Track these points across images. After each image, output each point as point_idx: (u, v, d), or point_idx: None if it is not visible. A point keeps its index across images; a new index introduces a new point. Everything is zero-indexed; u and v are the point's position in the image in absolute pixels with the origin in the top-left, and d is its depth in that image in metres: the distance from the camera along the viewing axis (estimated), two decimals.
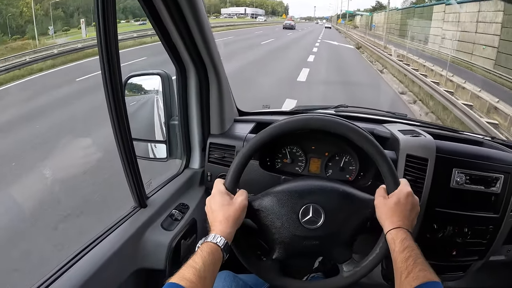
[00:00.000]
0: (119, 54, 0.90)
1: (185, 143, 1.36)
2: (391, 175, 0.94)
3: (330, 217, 0.95)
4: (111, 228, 1.04)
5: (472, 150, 1.28)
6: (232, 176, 0.96)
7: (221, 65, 1.31)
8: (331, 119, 0.98)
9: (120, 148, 0.99)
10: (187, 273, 0.75)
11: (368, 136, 0.96)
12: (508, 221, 1.25)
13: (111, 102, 0.92)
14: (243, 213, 0.94)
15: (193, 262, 0.79)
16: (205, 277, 0.77)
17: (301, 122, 0.98)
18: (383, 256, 0.94)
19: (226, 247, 0.86)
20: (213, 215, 0.92)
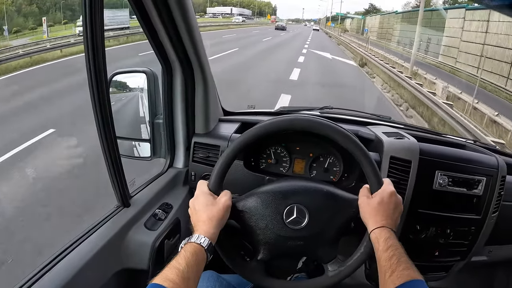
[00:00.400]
0: (105, 51, 0.89)
1: (170, 142, 1.35)
2: (374, 175, 0.95)
3: (314, 217, 0.95)
4: (94, 228, 1.02)
5: (455, 153, 1.30)
6: (216, 177, 0.96)
7: (208, 65, 1.31)
8: (316, 119, 0.98)
9: (104, 146, 0.98)
10: (170, 274, 0.75)
11: (352, 137, 0.97)
12: (489, 222, 1.29)
13: (96, 100, 0.90)
14: (226, 214, 0.94)
15: (176, 263, 0.78)
16: (189, 278, 0.76)
17: (285, 123, 0.98)
18: (367, 255, 0.95)
19: (210, 248, 0.86)
20: (197, 215, 0.92)
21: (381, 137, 1.33)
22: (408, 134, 1.37)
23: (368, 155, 0.95)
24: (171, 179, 1.33)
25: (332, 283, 0.97)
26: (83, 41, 0.86)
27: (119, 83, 1.32)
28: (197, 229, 0.89)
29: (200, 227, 0.89)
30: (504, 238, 1.47)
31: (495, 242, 1.43)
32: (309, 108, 1.69)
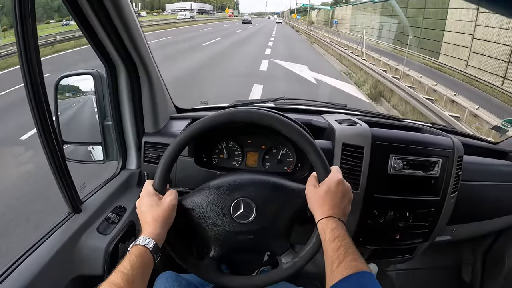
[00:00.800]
0: (39, 54, 0.87)
1: (120, 143, 1.32)
2: (320, 163, 0.94)
3: (262, 210, 0.95)
4: (45, 236, 1.00)
5: (408, 136, 1.32)
6: (160, 176, 0.94)
7: (152, 62, 1.28)
8: (256, 110, 0.97)
9: (47, 152, 0.95)
10: (115, 278, 0.74)
11: (294, 125, 0.95)
12: (449, 202, 1.31)
13: (33, 105, 0.88)
14: (172, 213, 0.92)
15: (121, 266, 0.78)
16: (134, 281, 0.76)
17: (225, 116, 0.96)
18: (320, 245, 0.94)
19: (156, 249, 0.85)
20: (142, 217, 0.91)
21: (333, 125, 1.33)
22: (361, 120, 1.38)
23: (313, 143, 0.95)
24: (124, 181, 1.31)
25: (287, 275, 0.97)
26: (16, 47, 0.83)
27: (70, 86, 1.28)
28: (143, 231, 0.88)
29: (145, 229, 0.88)
30: (466, 217, 1.51)
31: (457, 221, 1.46)
32: (264, 100, 1.68)
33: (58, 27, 14.53)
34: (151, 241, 0.85)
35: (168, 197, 0.93)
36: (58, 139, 0.97)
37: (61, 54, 11.02)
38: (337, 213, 0.89)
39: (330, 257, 0.83)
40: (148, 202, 0.91)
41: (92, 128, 1.29)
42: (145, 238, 0.85)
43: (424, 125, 1.61)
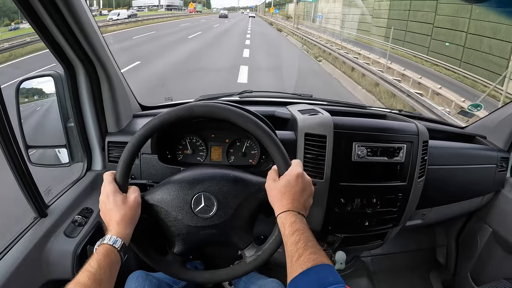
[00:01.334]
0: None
1: (84, 145, 1.30)
2: (280, 156, 0.93)
3: (223, 204, 0.95)
4: (11, 244, 0.98)
5: (370, 123, 1.32)
6: (121, 172, 0.93)
7: (110, 61, 1.26)
8: (214, 104, 0.96)
9: (7, 157, 0.93)
10: (82, 278, 0.74)
11: (252, 118, 0.95)
12: (416, 187, 1.33)
13: None
14: (138, 211, 0.92)
15: (88, 265, 0.77)
16: (101, 280, 0.75)
17: (183, 110, 0.94)
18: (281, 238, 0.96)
19: (123, 248, 0.84)
20: (109, 215, 0.89)
21: (296, 115, 1.34)
22: (325, 110, 1.38)
23: (271, 135, 0.94)
24: (90, 183, 1.29)
25: (251, 268, 0.97)
26: None
27: (32, 89, 1.25)
28: (110, 229, 0.87)
29: (113, 227, 0.87)
30: (435, 201, 1.54)
31: (426, 205, 1.50)
32: (229, 94, 1.67)
33: (6, 33, 13.69)
34: (119, 240, 0.84)
35: (132, 195, 0.92)
36: (18, 144, 0.95)
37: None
38: (297, 207, 0.89)
39: (289, 251, 0.82)
40: (113, 201, 0.89)
41: (56, 131, 1.26)
42: (113, 237, 0.84)
43: (391, 112, 1.63)
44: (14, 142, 0.94)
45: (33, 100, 1.28)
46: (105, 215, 0.91)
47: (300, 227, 0.85)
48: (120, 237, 0.85)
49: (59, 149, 1.31)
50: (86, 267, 0.76)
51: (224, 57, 12.11)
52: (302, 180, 0.91)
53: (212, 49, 14.15)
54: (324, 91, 8.19)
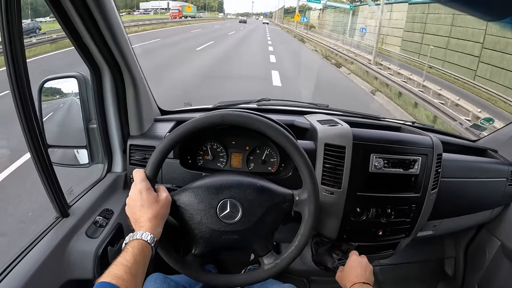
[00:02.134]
0: (25, 56, 0.86)
1: (106, 146, 1.31)
2: (308, 173, 0.99)
3: (248, 211, 0.98)
4: (34, 242, 0.99)
5: (388, 135, 1.35)
6: (153, 165, 0.96)
7: (136, 65, 1.28)
8: (246, 114, 0.99)
9: (34, 156, 0.94)
10: (118, 271, 0.73)
11: (283, 131, 0.99)
12: (430, 199, 1.34)
13: (20, 109, 0.87)
14: (168, 210, 0.94)
15: (123, 259, 0.76)
16: (136, 275, 0.75)
17: (216, 118, 0.98)
18: (302, 248, 0.99)
19: (155, 245, 0.85)
20: (140, 212, 0.90)
21: (315, 125, 1.36)
22: (343, 120, 1.40)
23: (301, 151, 0.99)
24: (110, 184, 1.31)
25: (268, 276, 1.01)
26: (2, 49, 0.82)
27: (53, 89, 1.27)
28: (141, 226, 0.87)
29: (145, 224, 0.87)
30: (446, 212, 1.55)
31: (438, 216, 1.50)
32: (247, 101, 1.69)
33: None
34: (152, 237, 0.85)
35: (164, 193, 0.94)
36: (44, 142, 0.96)
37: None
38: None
39: None
40: (147, 199, 0.90)
41: (77, 132, 1.27)
42: (147, 233, 0.85)
43: (404, 124, 1.65)
44: (41, 141, 0.95)
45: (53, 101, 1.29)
46: (134, 212, 0.91)
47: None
48: (153, 234, 0.86)
49: (78, 150, 1.33)
50: (120, 261, 0.76)
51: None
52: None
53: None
54: None
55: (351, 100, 8.67)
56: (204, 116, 0.98)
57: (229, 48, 17.62)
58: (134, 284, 0.73)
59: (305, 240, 0.98)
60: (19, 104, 0.87)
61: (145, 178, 0.94)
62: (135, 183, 0.94)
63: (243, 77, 10.09)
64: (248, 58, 14.03)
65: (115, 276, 0.71)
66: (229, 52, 15.74)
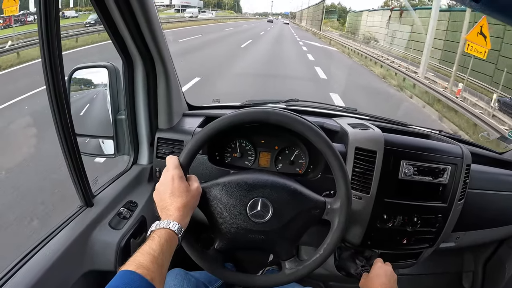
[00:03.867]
0: (61, 45, 0.86)
1: (133, 138, 1.31)
2: (343, 181, 0.97)
3: (278, 213, 0.96)
4: (57, 230, 0.99)
5: (419, 142, 1.32)
6: (187, 158, 0.94)
7: (169, 58, 1.27)
8: (292, 116, 0.97)
9: (63, 144, 0.94)
10: (144, 260, 0.70)
11: (326, 138, 0.97)
12: (456, 210, 1.31)
13: (52, 96, 0.87)
14: (197, 201, 0.92)
15: (149, 248, 0.73)
16: (162, 265, 0.72)
17: (260, 114, 0.97)
18: (327, 257, 0.97)
19: (182, 236, 0.83)
20: (170, 199, 0.86)
21: (346, 129, 1.33)
22: (373, 125, 1.38)
23: (340, 160, 0.97)
24: (135, 177, 1.30)
25: (288, 281, 0.99)
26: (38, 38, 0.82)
27: (82, 78, 1.27)
28: (169, 215, 0.84)
29: (173, 213, 0.84)
30: (471, 224, 1.52)
31: (462, 228, 1.47)
32: (275, 101, 1.68)
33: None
34: (180, 227, 0.82)
35: (195, 184, 0.92)
36: (73, 131, 0.96)
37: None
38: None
39: None
40: (178, 186, 0.87)
41: (104, 122, 1.28)
42: (174, 223, 0.82)
43: (432, 132, 1.62)
44: (72, 129, 0.95)
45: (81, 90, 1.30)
46: (164, 198, 0.88)
47: None
48: (181, 224, 0.83)
49: (103, 140, 1.33)
50: (147, 250, 0.73)
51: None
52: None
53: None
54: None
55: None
56: (248, 111, 0.97)
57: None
58: (159, 275, 0.70)
59: (331, 249, 0.97)
60: (52, 92, 0.86)
61: (179, 165, 0.92)
62: (168, 168, 0.91)
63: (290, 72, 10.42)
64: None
65: (140, 265, 0.68)
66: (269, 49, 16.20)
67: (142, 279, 0.66)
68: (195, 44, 16.19)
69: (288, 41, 24.23)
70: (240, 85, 8.49)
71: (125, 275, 0.66)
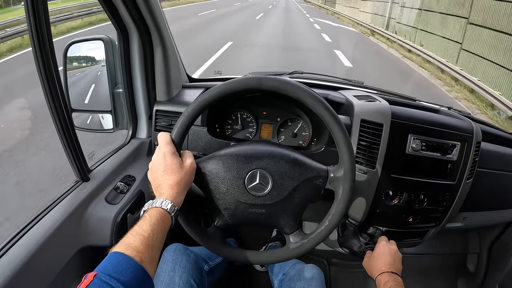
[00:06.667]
0: (48, 18, 0.82)
1: (131, 112, 1.29)
2: (346, 146, 0.91)
3: (278, 184, 0.92)
4: (52, 205, 0.98)
5: (428, 116, 1.27)
6: (179, 133, 0.90)
7: (166, 28, 1.24)
8: (286, 80, 0.91)
9: (55, 119, 0.92)
10: (133, 241, 0.68)
11: (323, 101, 0.91)
12: (464, 188, 1.28)
13: (42, 71, 0.84)
14: (192, 177, 0.89)
15: (140, 229, 0.71)
16: (153, 246, 0.71)
17: (253, 81, 0.91)
18: (332, 229, 0.93)
19: (176, 215, 0.80)
20: (163, 177, 0.84)
21: (352, 100, 1.29)
22: (380, 97, 1.34)
23: (341, 123, 0.90)
24: (133, 150, 1.29)
25: (293, 255, 0.95)
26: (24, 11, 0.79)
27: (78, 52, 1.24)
28: (162, 193, 0.82)
29: (166, 191, 0.82)
30: (478, 205, 1.48)
31: (469, 208, 1.43)
32: (279, 73, 1.63)
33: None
34: (173, 206, 0.80)
35: (189, 159, 0.88)
36: (66, 106, 0.94)
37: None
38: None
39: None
40: (171, 163, 0.85)
41: (102, 96, 1.26)
42: (167, 202, 0.80)
43: (441, 107, 1.57)
44: (64, 105, 0.92)
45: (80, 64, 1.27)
46: (156, 177, 0.86)
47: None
48: (174, 203, 0.81)
49: (102, 115, 1.31)
50: (137, 230, 0.71)
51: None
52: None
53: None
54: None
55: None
56: (240, 79, 0.91)
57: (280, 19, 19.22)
58: (149, 256, 0.68)
59: (336, 220, 0.92)
60: (41, 66, 0.84)
61: (170, 142, 0.88)
62: (159, 146, 0.88)
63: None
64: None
65: (129, 247, 0.67)
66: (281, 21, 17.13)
67: (130, 260, 0.65)
68: (214, 17, 17.52)
69: (294, 11, 25.99)
70: (263, 54, 8.93)
71: (114, 257, 0.65)
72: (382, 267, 1.02)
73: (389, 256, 1.05)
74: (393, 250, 1.08)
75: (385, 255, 1.05)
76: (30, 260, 0.83)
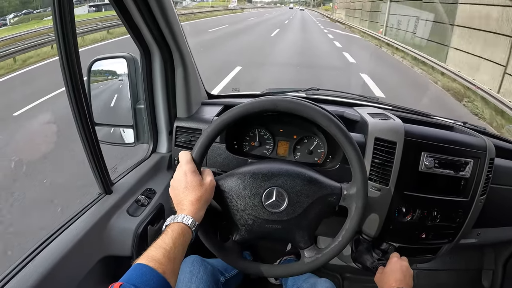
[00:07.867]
0: (76, 35, 0.87)
1: (152, 127, 1.34)
2: (358, 166, 0.95)
3: (294, 201, 0.95)
4: (76, 216, 1.02)
5: (441, 134, 1.28)
6: (199, 152, 0.95)
7: (186, 47, 1.28)
8: (300, 102, 0.96)
9: (81, 133, 0.96)
10: (156, 254, 0.73)
11: (337, 122, 0.95)
12: (477, 205, 1.28)
13: (69, 87, 0.89)
14: (212, 194, 0.93)
15: (162, 242, 0.76)
16: (175, 259, 0.75)
17: (268, 103, 0.95)
18: (345, 244, 0.96)
19: (196, 229, 0.85)
20: (184, 194, 0.89)
21: (366, 118, 1.31)
22: (395, 115, 1.35)
23: (354, 144, 0.94)
24: (154, 165, 1.33)
25: (308, 269, 0.98)
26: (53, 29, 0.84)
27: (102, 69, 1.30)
28: (183, 209, 0.87)
29: (187, 207, 0.87)
30: (492, 221, 1.47)
31: (483, 224, 1.43)
32: (295, 90, 1.67)
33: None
34: (194, 221, 0.84)
35: (208, 177, 0.93)
36: (91, 120, 0.98)
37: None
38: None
39: None
40: (191, 181, 0.89)
41: (124, 111, 1.30)
42: (188, 217, 0.84)
43: (456, 123, 1.57)
44: (89, 118, 0.97)
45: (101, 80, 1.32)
46: (178, 193, 0.90)
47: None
48: (194, 218, 0.85)
49: (124, 129, 1.36)
50: (159, 244, 0.76)
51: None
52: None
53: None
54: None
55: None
56: (256, 101, 0.96)
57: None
58: (171, 268, 0.73)
59: (349, 236, 0.95)
60: (69, 82, 0.88)
61: (191, 160, 0.93)
62: (181, 164, 0.93)
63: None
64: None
65: (152, 259, 0.71)
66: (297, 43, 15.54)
67: (153, 272, 0.69)
68: (225, 33, 16.57)
69: (311, 29, 24.12)
70: (278, 73, 8.56)
71: (138, 268, 0.69)
72: (393, 283, 1.03)
73: (400, 273, 1.06)
74: (404, 266, 1.09)
75: (396, 272, 1.07)
76: (55, 267, 0.87)
